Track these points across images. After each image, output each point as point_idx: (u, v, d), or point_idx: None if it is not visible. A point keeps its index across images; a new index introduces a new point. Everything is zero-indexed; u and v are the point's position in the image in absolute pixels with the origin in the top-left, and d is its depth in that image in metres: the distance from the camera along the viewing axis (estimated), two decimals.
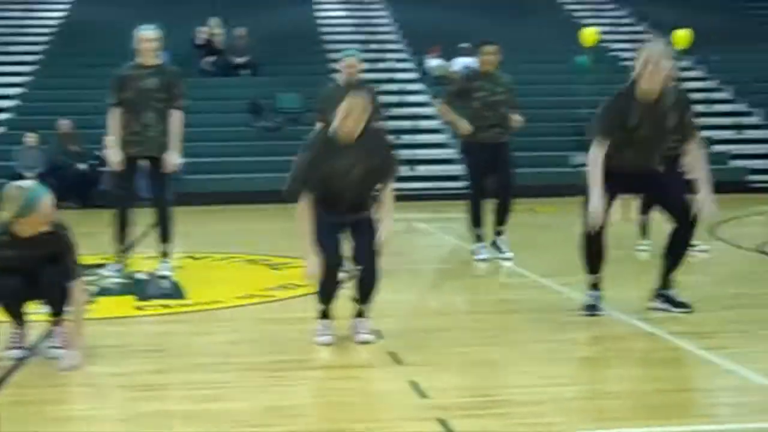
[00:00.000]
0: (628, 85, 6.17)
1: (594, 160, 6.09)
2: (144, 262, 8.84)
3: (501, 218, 9.06)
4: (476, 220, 9.08)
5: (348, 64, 8.65)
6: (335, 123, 5.55)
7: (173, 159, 8.07)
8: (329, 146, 5.56)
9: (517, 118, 9.02)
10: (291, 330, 5.99)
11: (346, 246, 5.62)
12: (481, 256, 8.94)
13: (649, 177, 6.28)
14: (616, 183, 6.12)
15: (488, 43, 9.08)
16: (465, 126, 8.84)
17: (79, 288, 5.26)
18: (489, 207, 9.06)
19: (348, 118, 5.49)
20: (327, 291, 5.62)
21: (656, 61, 5.99)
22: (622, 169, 6.10)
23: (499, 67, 9.04)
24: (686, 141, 6.23)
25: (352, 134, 5.53)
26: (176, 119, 8.21)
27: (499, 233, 9.09)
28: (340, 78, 8.82)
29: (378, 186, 5.64)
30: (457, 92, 9.12)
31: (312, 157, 5.56)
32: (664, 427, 4.12)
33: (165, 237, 8.37)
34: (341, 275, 5.64)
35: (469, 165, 9.18)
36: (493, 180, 9.02)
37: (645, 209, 8.77)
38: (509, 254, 8.95)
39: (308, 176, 5.53)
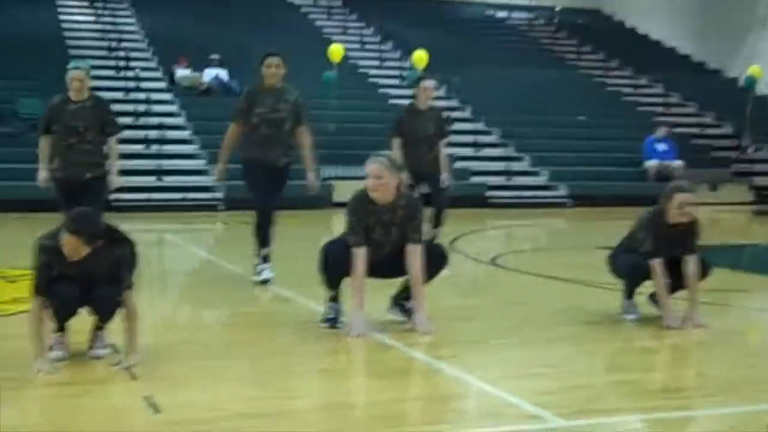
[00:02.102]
0: None
1: None
2: None
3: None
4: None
5: (73, 76, 7.98)
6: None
7: None
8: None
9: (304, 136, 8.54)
10: (21, 346, 5.74)
11: None
12: (264, 276, 8.31)
13: None
14: None
15: (271, 54, 8.41)
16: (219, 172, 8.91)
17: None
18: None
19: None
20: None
21: None
22: None
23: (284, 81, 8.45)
24: None
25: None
26: None
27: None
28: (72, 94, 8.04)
29: None
30: (241, 109, 8.37)
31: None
32: None
33: None
34: None
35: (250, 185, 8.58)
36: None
37: None
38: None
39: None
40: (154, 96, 20.11)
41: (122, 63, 21.35)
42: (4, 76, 19.90)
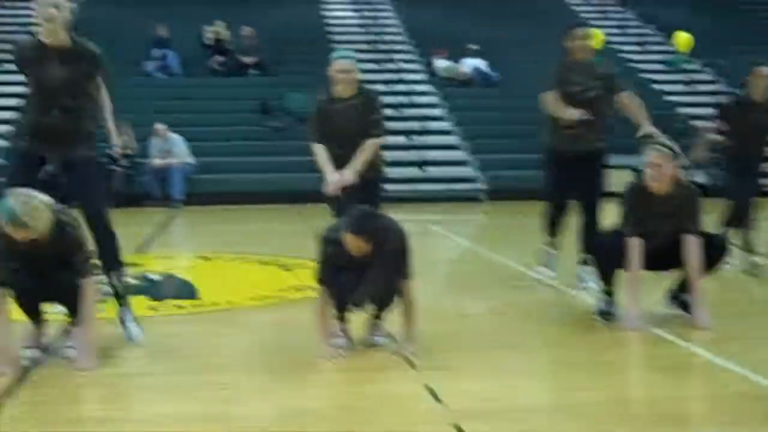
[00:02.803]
0: None
1: None
2: (156, 262, 8.82)
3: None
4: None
5: (340, 68, 6.53)
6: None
7: None
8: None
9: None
10: (305, 332, 5.97)
11: None
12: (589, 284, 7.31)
13: None
14: None
15: (578, 26, 7.80)
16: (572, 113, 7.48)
17: (90, 287, 5.26)
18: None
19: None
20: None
21: None
22: None
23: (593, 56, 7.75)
24: None
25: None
26: None
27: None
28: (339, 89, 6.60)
29: None
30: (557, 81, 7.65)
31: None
32: None
33: None
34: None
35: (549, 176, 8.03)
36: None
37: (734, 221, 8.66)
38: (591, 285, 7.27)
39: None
40: (416, 88, 20.45)
41: (384, 56, 21.82)
42: (271, 72, 20.86)
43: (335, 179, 6.41)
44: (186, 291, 7.69)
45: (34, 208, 4.96)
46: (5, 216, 4.92)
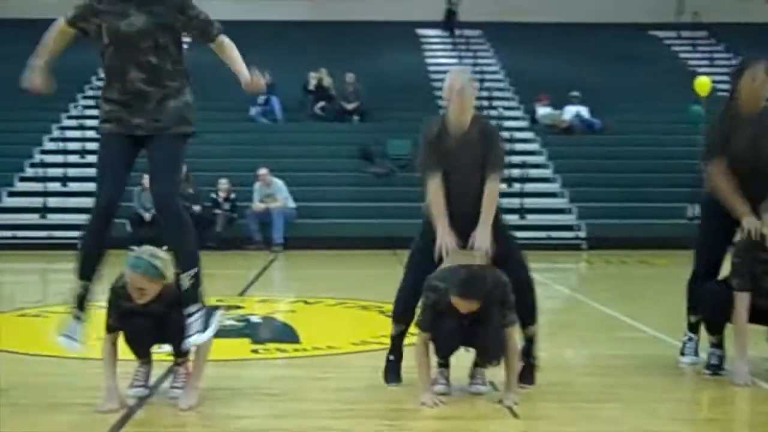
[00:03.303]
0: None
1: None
2: (258, 305, 8.92)
3: None
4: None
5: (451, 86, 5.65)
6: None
7: None
8: None
9: None
10: (405, 378, 5.96)
11: None
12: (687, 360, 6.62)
13: None
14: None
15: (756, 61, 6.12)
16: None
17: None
18: None
19: None
20: None
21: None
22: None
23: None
24: None
25: None
26: None
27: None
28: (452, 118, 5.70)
29: None
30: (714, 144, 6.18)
31: None
32: None
33: None
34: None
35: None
36: None
37: None
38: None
39: None
40: (517, 134, 20.43)
41: (485, 102, 21.88)
42: (374, 119, 21.09)
43: (448, 242, 5.56)
44: (287, 335, 7.76)
45: (164, 261, 5.12)
46: (141, 270, 5.05)
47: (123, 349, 5.38)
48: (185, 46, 5.49)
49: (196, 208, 17.03)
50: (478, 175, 5.63)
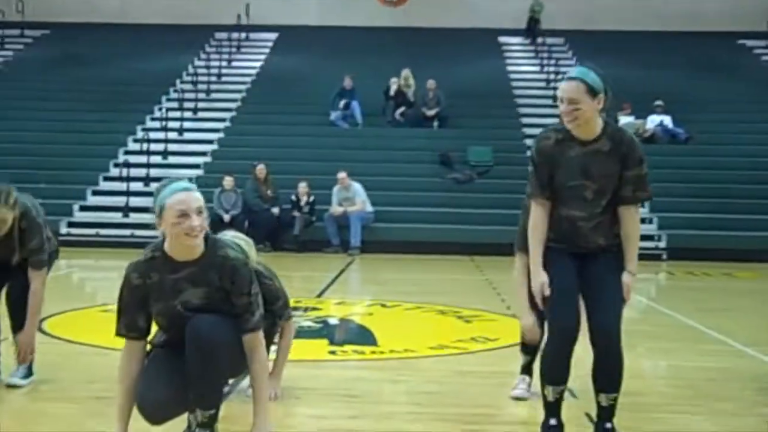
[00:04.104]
0: None
1: None
2: (335, 307, 8.94)
3: None
4: None
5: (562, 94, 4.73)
6: None
7: None
8: None
9: None
10: (483, 383, 5.92)
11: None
12: None
13: None
14: None
15: None
16: None
17: (289, 327, 5.53)
18: None
19: None
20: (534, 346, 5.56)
21: None
22: None
23: None
24: None
25: None
26: None
27: None
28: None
29: None
30: None
31: None
32: None
33: None
34: None
35: None
36: None
37: None
38: None
39: None
40: None
41: None
42: (456, 125, 21.04)
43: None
44: (364, 337, 7.76)
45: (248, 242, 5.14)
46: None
47: None
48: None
49: (275, 210, 17.17)
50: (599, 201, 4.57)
